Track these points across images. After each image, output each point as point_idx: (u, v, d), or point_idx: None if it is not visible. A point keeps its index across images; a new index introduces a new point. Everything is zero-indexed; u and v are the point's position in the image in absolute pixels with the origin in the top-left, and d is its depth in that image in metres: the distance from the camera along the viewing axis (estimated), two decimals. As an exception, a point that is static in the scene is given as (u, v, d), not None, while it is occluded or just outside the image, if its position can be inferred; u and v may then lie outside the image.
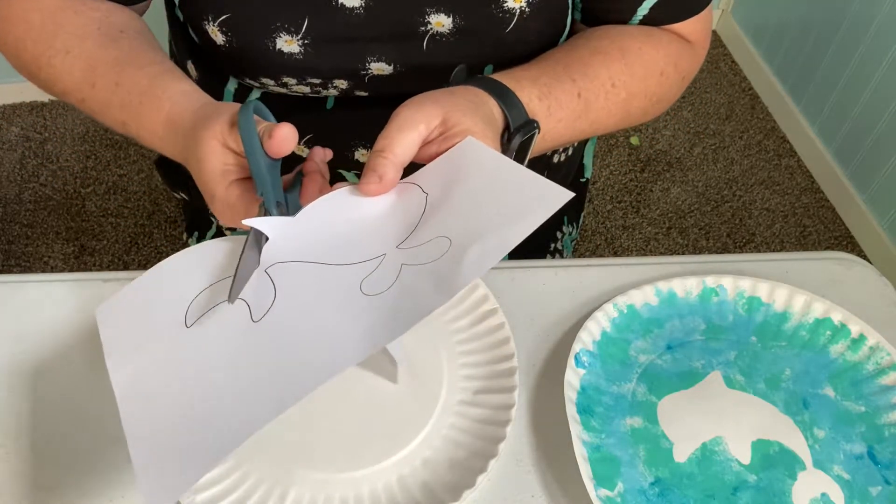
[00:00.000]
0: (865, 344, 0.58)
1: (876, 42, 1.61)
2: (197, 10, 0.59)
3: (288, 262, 0.46)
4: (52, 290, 0.64)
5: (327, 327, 0.42)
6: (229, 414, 0.39)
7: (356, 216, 0.48)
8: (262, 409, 0.38)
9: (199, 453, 0.38)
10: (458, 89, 0.51)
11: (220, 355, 0.43)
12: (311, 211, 0.48)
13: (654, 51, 0.60)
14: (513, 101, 0.52)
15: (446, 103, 0.48)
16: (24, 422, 0.56)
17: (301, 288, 0.45)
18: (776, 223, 1.78)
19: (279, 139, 0.45)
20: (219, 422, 0.39)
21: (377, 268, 0.45)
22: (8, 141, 1.96)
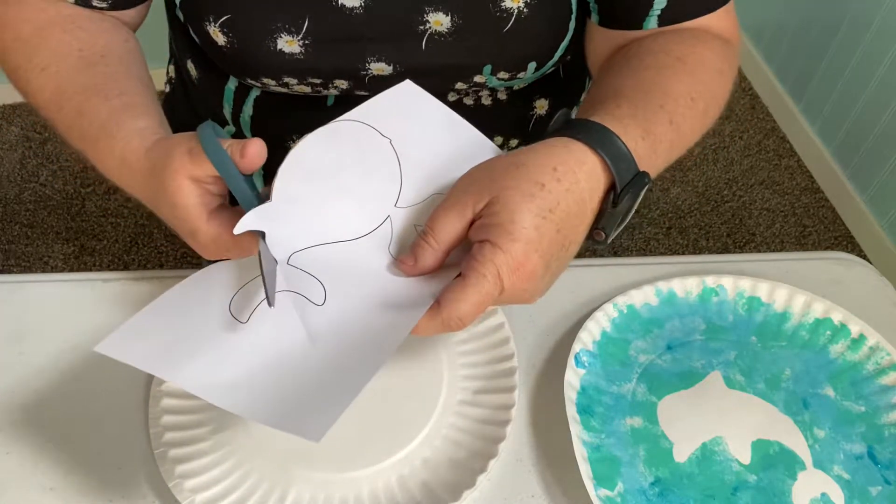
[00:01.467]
0: (865, 344, 0.58)
1: (876, 42, 1.61)
2: (198, 11, 0.59)
3: (304, 249, 0.46)
4: (52, 290, 0.64)
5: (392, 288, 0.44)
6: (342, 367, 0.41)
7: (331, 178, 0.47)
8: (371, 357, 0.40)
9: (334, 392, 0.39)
10: (535, 156, 0.44)
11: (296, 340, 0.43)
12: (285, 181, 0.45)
13: (707, 51, 0.57)
14: (620, 153, 0.45)
15: (500, 183, 0.43)
16: (24, 422, 0.56)
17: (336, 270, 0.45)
18: (776, 223, 1.78)
19: (251, 156, 0.43)
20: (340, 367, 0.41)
21: (391, 231, 0.46)
22: (8, 141, 1.96)
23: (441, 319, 0.41)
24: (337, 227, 0.46)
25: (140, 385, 0.58)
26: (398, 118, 0.49)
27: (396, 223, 0.47)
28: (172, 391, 0.56)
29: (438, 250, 0.44)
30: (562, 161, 0.44)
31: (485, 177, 0.44)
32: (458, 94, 0.67)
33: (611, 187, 0.46)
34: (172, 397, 0.56)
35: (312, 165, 0.46)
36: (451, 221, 0.44)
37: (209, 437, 0.54)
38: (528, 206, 0.42)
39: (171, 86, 0.80)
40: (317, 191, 0.46)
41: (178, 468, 0.51)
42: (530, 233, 0.42)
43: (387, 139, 0.48)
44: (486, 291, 0.41)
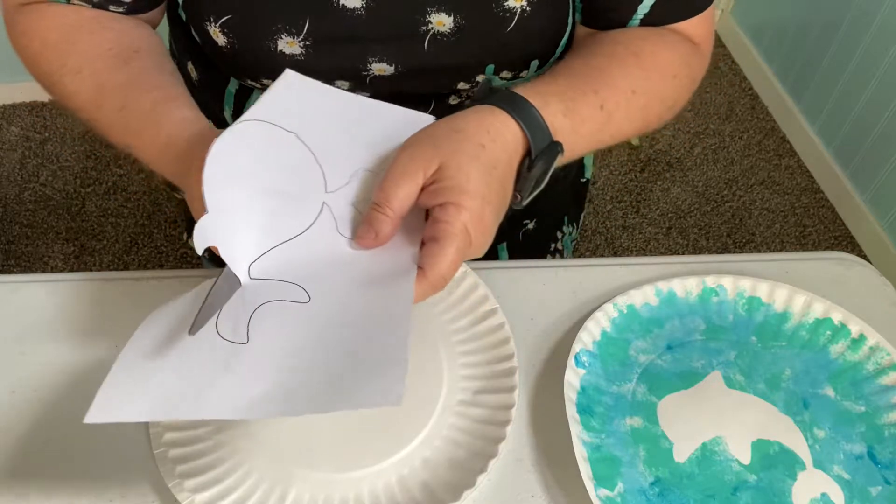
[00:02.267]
0: (865, 344, 0.58)
1: (876, 42, 1.61)
2: (199, 11, 0.59)
3: (260, 256, 0.46)
4: (52, 290, 0.64)
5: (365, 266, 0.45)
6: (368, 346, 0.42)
7: (254, 181, 0.47)
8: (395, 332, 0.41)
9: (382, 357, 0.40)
10: (469, 122, 0.49)
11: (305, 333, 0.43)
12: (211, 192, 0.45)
13: (667, 53, 0.59)
14: (537, 122, 0.50)
15: (446, 148, 0.46)
16: (24, 422, 0.56)
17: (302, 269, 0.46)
18: (776, 223, 1.78)
19: None
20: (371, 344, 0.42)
21: (333, 216, 0.47)
22: (8, 141, 1.96)
23: (429, 283, 0.44)
24: (280, 228, 0.47)
25: (140, 385, 0.58)
26: (294, 109, 0.50)
27: (334, 207, 0.48)
28: (172, 391, 0.56)
29: (395, 218, 0.46)
30: (492, 124, 0.49)
31: (428, 145, 0.47)
32: (459, 97, 0.67)
33: (527, 153, 0.51)
34: (172, 397, 0.56)
35: (230, 170, 0.46)
36: (403, 188, 0.46)
37: (209, 437, 0.54)
38: (476, 165, 0.46)
39: (172, 86, 0.80)
40: (245, 196, 0.46)
41: (178, 468, 0.51)
42: (483, 189, 0.46)
43: (291, 133, 0.48)
44: (459, 247, 0.45)
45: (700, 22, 0.62)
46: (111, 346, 0.60)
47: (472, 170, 0.46)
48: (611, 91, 0.55)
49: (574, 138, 0.53)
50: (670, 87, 0.60)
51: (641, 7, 0.59)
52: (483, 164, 0.47)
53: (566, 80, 0.55)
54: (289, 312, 0.44)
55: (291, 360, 0.42)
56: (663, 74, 0.59)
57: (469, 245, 0.45)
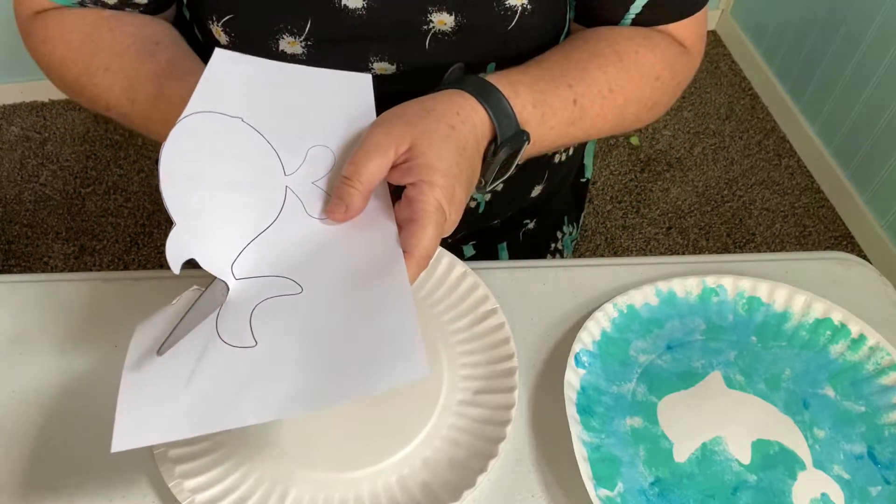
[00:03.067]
0: (865, 344, 0.58)
1: (876, 42, 1.61)
2: (202, 9, 0.59)
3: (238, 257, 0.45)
4: (52, 290, 0.64)
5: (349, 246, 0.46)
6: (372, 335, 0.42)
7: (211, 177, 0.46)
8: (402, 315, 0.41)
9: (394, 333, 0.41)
10: (440, 103, 0.50)
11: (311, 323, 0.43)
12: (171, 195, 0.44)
13: (651, 54, 0.60)
14: (504, 110, 0.51)
15: (418, 127, 0.47)
16: (25, 422, 0.56)
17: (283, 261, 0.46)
18: (776, 223, 1.78)
19: None
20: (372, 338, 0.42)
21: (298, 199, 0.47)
22: (8, 141, 1.96)
23: (415, 262, 0.45)
24: (250, 222, 0.46)
25: (140, 385, 0.58)
26: (232, 91, 0.49)
27: (297, 189, 0.48)
28: (172, 391, 0.56)
29: (365, 191, 0.47)
30: (461, 107, 0.50)
31: (400, 123, 0.47)
32: None
33: (493, 139, 0.51)
34: (172, 397, 0.56)
35: (186, 172, 0.45)
36: (373, 162, 0.46)
37: (209, 438, 0.54)
38: (447, 145, 0.47)
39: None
40: (207, 196, 0.45)
41: (178, 468, 0.51)
42: (454, 168, 0.47)
43: (237, 118, 0.48)
44: (436, 224, 0.45)
45: (690, 24, 0.62)
46: (111, 346, 0.60)
47: (443, 149, 0.47)
48: (586, 87, 0.56)
49: (543, 129, 0.54)
50: (651, 88, 0.60)
51: (633, 7, 0.59)
52: (453, 144, 0.48)
53: (541, 71, 0.55)
54: (286, 306, 0.44)
55: (306, 353, 0.42)
56: (644, 75, 0.59)
57: (445, 222, 0.46)
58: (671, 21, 0.61)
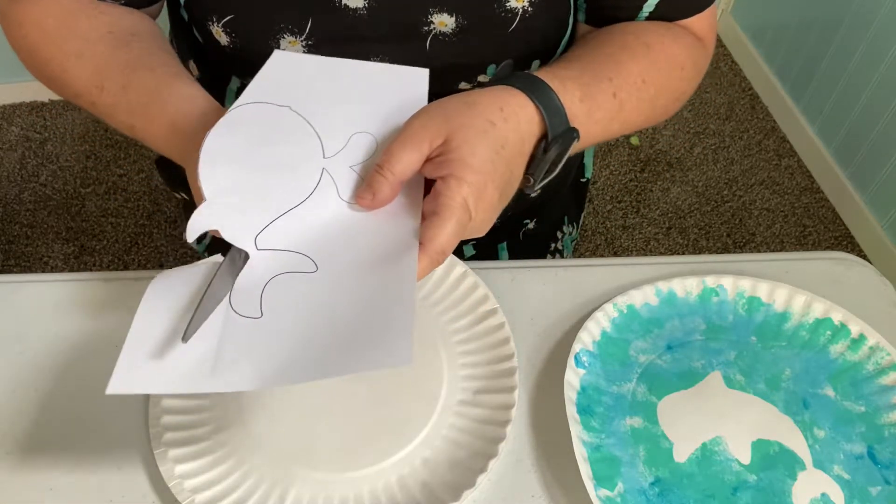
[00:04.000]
0: (865, 344, 0.58)
1: (876, 42, 1.61)
2: (202, 10, 0.59)
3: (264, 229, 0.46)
4: (52, 290, 0.64)
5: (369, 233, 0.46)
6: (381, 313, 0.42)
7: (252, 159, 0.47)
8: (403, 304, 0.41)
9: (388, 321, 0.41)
10: (483, 97, 0.48)
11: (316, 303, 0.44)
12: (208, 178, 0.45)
13: (675, 45, 0.59)
14: (555, 105, 0.49)
15: (455, 121, 0.46)
16: (25, 422, 0.56)
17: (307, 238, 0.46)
18: (776, 223, 1.78)
19: None
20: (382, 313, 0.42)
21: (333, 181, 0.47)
22: (8, 141, 1.96)
23: (428, 257, 0.44)
24: (282, 198, 0.47)
25: (140, 385, 0.58)
26: (285, 85, 0.50)
27: (333, 172, 0.48)
28: (172, 391, 0.56)
29: (394, 181, 0.46)
30: (507, 103, 0.48)
31: (439, 115, 0.46)
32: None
33: (543, 137, 0.50)
34: (172, 397, 0.56)
35: (227, 155, 0.46)
36: (406, 154, 0.45)
37: (209, 437, 0.54)
38: (484, 141, 0.45)
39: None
40: (244, 174, 0.46)
41: (178, 468, 0.51)
42: (487, 166, 0.45)
43: (285, 107, 0.49)
44: (459, 221, 0.44)
45: (703, 18, 0.62)
46: (111, 346, 0.60)
47: (478, 145, 0.45)
48: (623, 79, 0.55)
49: (589, 125, 0.52)
50: (677, 78, 0.60)
51: (646, 6, 0.59)
52: (491, 141, 0.46)
53: (581, 65, 0.54)
54: (298, 284, 0.45)
55: (304, 331, 0.42)
56: (672, 66, 0.59)
57: (469, 220, 0.45)
58: (684, 17, 0.61)
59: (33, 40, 0.58)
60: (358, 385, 0.57)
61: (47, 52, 0.58)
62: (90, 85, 0.56)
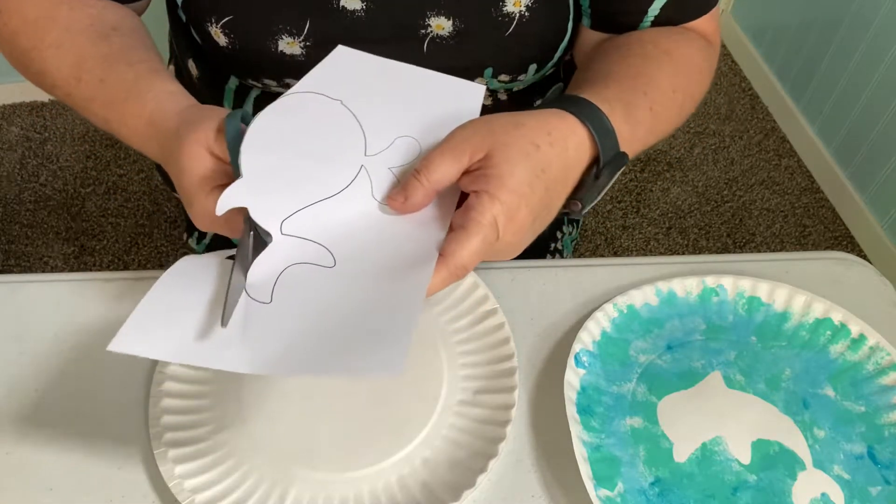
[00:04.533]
0: (865, 344, 0.58)
1: (876, 42, 1.61)
2: (200, 11, 0.59)
3: (292, 214, 0.46)
4: (52, 290, 0.64)
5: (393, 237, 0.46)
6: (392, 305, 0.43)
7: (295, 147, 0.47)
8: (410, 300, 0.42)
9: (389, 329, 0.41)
10: (532, 119, 0.47)
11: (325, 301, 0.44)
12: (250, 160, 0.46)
13: (691, 49, 0.59)
14: (606, 129, 0.48)
15: (499, 138, 0.45)
16: (25, 422, 0.56)
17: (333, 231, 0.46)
18: (776, 223, 1.78)
19: None
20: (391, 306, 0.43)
21: (369, 179, 0.48)
22: (8, 141, 1.96)
23: (448, 270, 0.43)
24: (316, 188, 0.47)
25: (140, 385, 0.58)
26: (343, 79, 0.51)
27: (371, 171, 0.48)
28: (172, 391, 0.56)
29: (429, 189, 0.45)
30: (556, 127, 0.47)
31: (484, 130, 0.46)
32: None
33: (593, 161, 0.49)
34: (172, 397, 0.56)
35: (272, 138, 0.47)
36: (445, 164, 0.45)
37: (209, 437, 0.54)
38: (525, 162, 0.44)
39: (172, 85, 0.79)
40: (285, 159, 0.47)
41: (178, 468, 0.51)
42: (524, 188, 0.44)
43: (337, 100, 0.49)
44: (485, 238, 0.43)
45: (710, 19, 0.62)
46: (111, 346, 0.60)
47: (518, 165, 0.44)
48: (656, 92, 0.54)
49: (633, 143, 0.51)
50: (696, 82, 0.59)
51: (651, 9, 0.59)
52: (533, 163, 0.45)
53: (619, 83, 0.53)
54: (313, 277, 0.45)
55: (306, 325, 0.43)
56: (692, 70, 0.58)
57: (496, 240, 0.44)
58: (690, 19, 0.61)
59: (13, 28, 0.58)
60: (358, 385, 0.57)
61: (27, 42, 0.57)
62: (68, 76, 0.55)
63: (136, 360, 0.59)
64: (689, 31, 0.61)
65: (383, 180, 0.48)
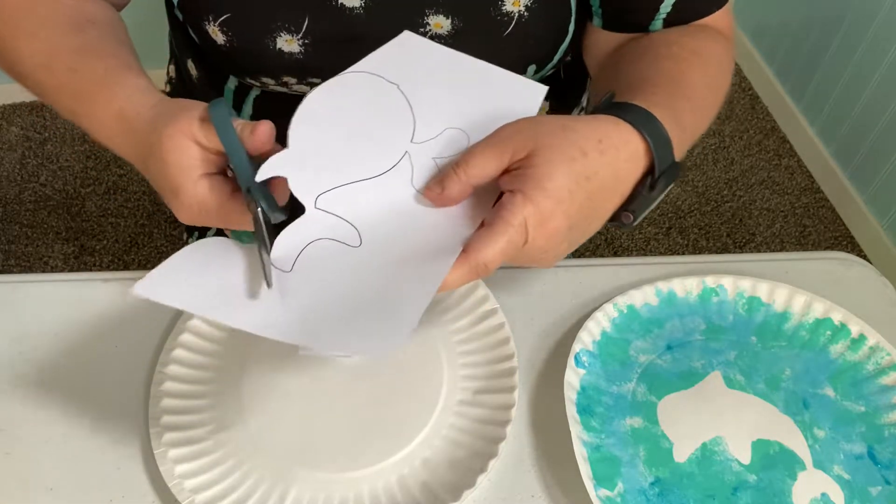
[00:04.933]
0: (865, 344, 0.58)
1: (876, 42, 1.61)
2: (197, 10, 0.59)
3: (329, 190, 0.46)
4: (52, 290, 0.64)
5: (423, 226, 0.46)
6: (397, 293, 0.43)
7: (345, 124, 0.48)
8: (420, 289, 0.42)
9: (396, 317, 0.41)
10: (583, 124, 0.45)
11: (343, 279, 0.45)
12: (299, 132, 0.47)
13: (716, 46, 0.58)
14: (663, 138, 0.46)
15: (545, 139, 0.43)
16: (25, 422, 0.56)
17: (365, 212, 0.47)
18: (776, 223, 1.78)
19: (261, 135, 0.45)
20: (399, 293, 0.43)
21: (411, 166, 0.48)
22: (8, 141, 1.96)
23: (469, 266, 0.42)
24: (357, 168, 0.47)
25: (140, 385, 0.58)
26: (402, 64, 0.51)
27: (415, 157, 0.48)
28: (172, 391, 0.56)
29: (466, 183, 0.44)
30: (608, 135, 0.44)
31: (530, 130, 0.44)
32: None
33: (647, 172, 0.46)
34: (172, 397, 0.56)
35: (324, 114, 0.48)
36: (485, 160, 0.44)
37: (209, 437, 0.54)
38: (567, 168, 0.43)
39: (172, 85, 0.80)
40: (332, 136, 0.48)
41: (178, 468, 0.51)
42: (562, 193, 0.42)
43: (394, 84, 0.50)
44: (511, 239, 0.42)
45: (724, 15, 0.61)
46: (111, 346, 0.60)
47: (559, 169, 0.42)
48: (696, 96, 0.53)
49: (681, 150, 0.49)
50: (724, 79, 0.59)
51: (663, 6, 0.59)
52: (576, 169, 0.43)
53: (663, 88, 0.51)
54: (336, 254, 0.45)
55: (318, 298, 0.43)
56: (720, 68, 0.58)
57: (524, 243, 0.43)
58: (703, 15, 0.60)
59: None
60: (358, 385, 0.57)
61: (2, 30, 0.57)
62: (38, 65, 0.55)
63: (136, 360, 0.59)
64: (708, 28, 0.60)
65: (425, 169, 0.48)
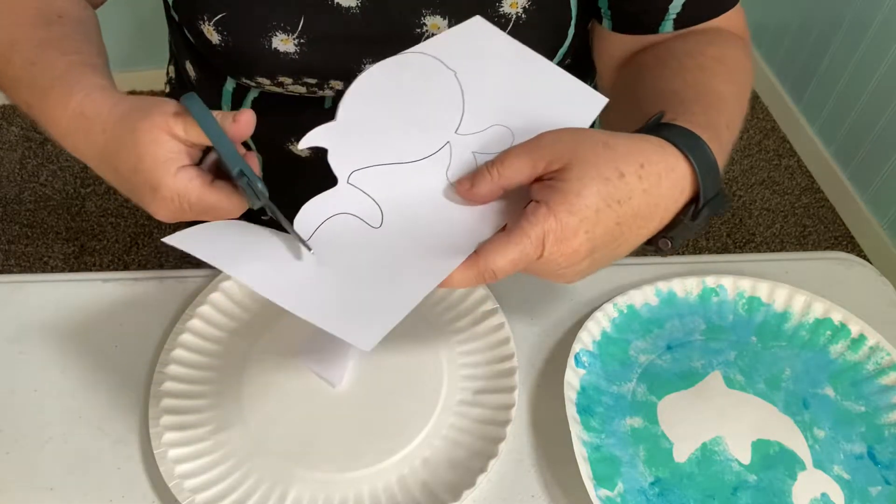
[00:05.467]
0: (865, 344, 0.58)
1: (876, 42, 1.61)
2: (192, 10, 0.59)
3: (365, 168, 0.47)
4: (52, 290, 0.64)
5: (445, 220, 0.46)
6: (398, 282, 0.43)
7: (395, 104, 0.48)
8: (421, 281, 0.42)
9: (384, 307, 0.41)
10: (625, 144, 0.43)
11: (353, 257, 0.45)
12: (349, 106, 0.47)
13: (736, 50, 0.58)
14: (710, 164, 0.44)
15: (582, 154, 0.42)
16: (24, 422, 0.56)
17: (394, 195, 0.47)
18: (776, 223, 1.78)
19: (244, 122, 0.45)
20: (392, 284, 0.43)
21: (450, 156, 0.48)
22: (8, 141, 1.96)
23: (477, 269, 0.42)
24: (397, 150, 0.47)
25: (140, 385, 0.58)
26: (465, 51, 0.50)
27: (456, 149, 0.48)
28: (172, 391, 0.56)
29: (496, 184, 0.44)
30: (651, 161, 0.43)
31: (570, 141, 0.43)
32: None
33: (692, 199, 0.45)
34: (172, 397, 0.56)
35: (377, 90, 0.48)
36: (519, 164, 0.43)
37: (209, 437, 0.54)
38: (599, 188, 0.41)
39: (171, 86, 0.80)
40: (379, 114, 0.48)
41: (178, 468, 0.51)
42: (589, 213, 0.41)
43: (452, 71, 0.49)
44: (525, 251, 0.41)
45: (736, 15, 0.60)
46: (111, 346, 0.60)
47: (591, 188, 0.41)
48: (728, 108, 0.52)
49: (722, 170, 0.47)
50: (748, 84, 0.57)
51: (672, 7, 0.58)
52: (609, 190, 0.41)
53: (701, 107, 0.49)
54: (354, 231, 0.46)
55: (326, 271, 0.44)
56: (743, 73, 0.57)
57: (538, 257, 0.42)
58: (713, 16, 0.59)
59: None
60: (358, 385, 0.57)
61: None
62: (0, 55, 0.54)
63: (136, 360, 0.59)
64: (725, 32, 0.60)
65: (463, 162, 0.47)
